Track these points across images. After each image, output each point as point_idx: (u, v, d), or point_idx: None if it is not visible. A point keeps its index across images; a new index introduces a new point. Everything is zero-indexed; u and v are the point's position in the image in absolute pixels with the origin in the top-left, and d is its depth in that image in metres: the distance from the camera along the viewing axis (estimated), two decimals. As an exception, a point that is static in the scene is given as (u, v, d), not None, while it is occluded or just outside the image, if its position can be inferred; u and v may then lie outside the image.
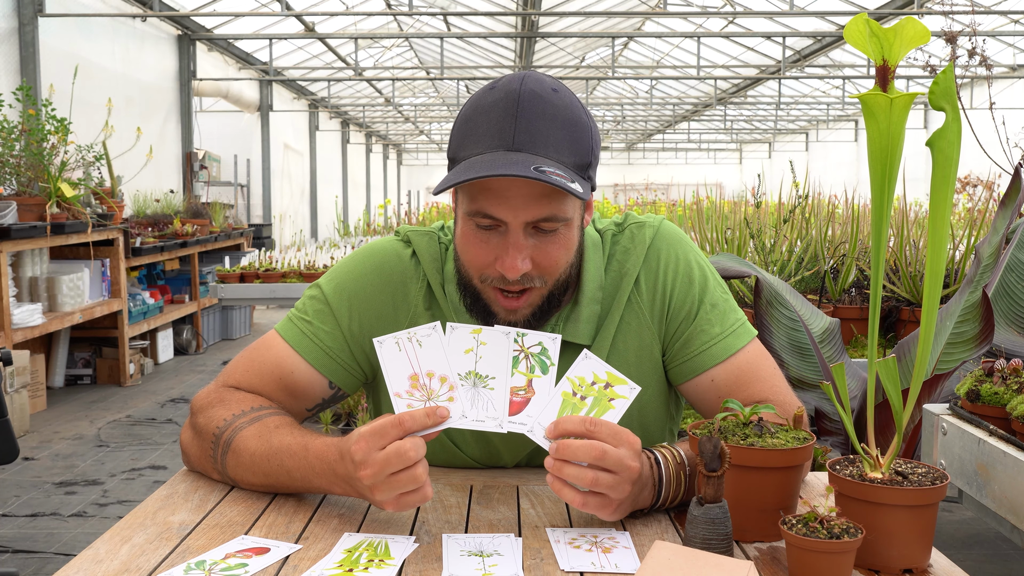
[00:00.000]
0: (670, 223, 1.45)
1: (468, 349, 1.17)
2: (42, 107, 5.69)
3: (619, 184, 25.31)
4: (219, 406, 1.31)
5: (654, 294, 1.39)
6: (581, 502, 1.10)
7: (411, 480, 1.08)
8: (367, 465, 1.08)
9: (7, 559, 3.31)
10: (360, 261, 1.43)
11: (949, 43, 2.85)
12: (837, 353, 2.49)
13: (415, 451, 1.07)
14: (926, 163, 8.20)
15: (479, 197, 1.22)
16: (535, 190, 1.20)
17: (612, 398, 1.15)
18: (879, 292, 1.06)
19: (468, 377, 1.16)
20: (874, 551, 1.03)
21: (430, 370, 1.16)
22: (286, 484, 1.23)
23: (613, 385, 1.16)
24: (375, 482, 1.08)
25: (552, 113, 1.22)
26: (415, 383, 1.16)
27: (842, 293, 3.44)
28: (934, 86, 0.96)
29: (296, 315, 1.41)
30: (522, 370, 1.17)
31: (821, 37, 11.54)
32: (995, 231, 2.20)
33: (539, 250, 1.24)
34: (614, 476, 1.09)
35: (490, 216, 1.22)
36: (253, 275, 5.47)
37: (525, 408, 1.16)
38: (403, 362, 1.16)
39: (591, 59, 15.79)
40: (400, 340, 1.17)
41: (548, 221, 1.22)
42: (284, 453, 1.21)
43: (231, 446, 1.26)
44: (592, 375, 1.16)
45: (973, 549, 3.35)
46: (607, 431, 1.10)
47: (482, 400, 1.15)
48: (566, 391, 1.16)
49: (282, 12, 8.74)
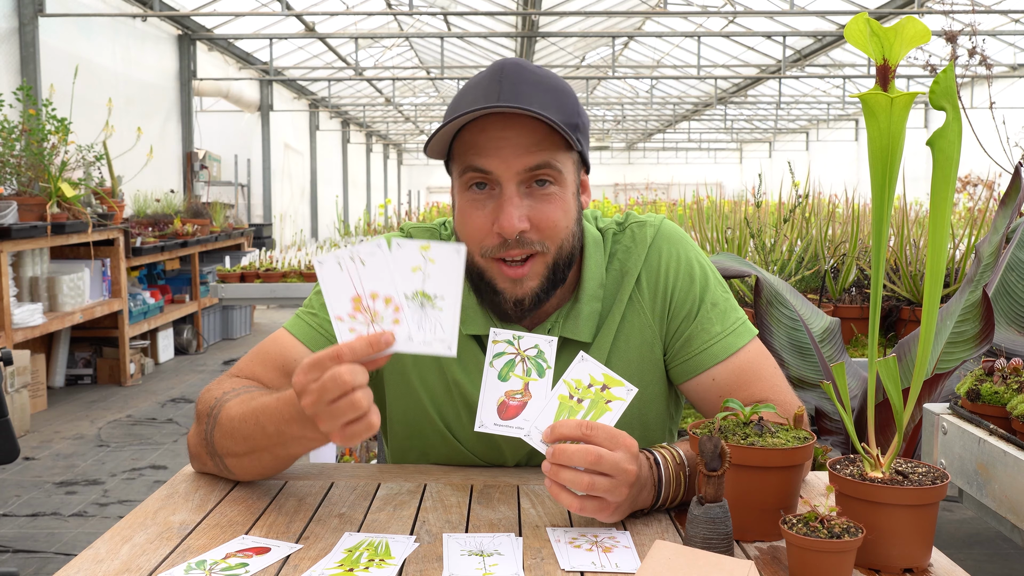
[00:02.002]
0: (671, 222, 1.45)
1: (416, 267, 1.10)
2: (42, 107, 5.69)
3: (619, 184, 25.29)
4: (215, 389, 1.33)
5: (655, 293, 1.39)
6: (579, 506, 1.10)
7: (351, 407, 1.05)
8: (306, 394, 1.06)
9: (8, 559, 3.31)
10: None
11: (949, 42, 2.85)
12: (837, 352, 2.49)
13: (351, 375, 1.04)
14: (926, 162, 8.19)
15: (470, 153, 1.25)
16: (525, 140, 1.23)
17: (609, 400, 1.14)
18: (879, 291, 1.06)
19: (415, 297, 1.10)
20: (875, 551, 1.03)
21: (374, 291, 1.09)
22: (263, 444, 1.21)
23: (610, 387, 1.15)
24: (316, 411, 1.06)
25: (535, 79, 1.26)
26: (358, 305, 1.10)
27: (842, 292, 3.44)
28: (934, 85, 0.96)
29: (303, 311, 1.43)
30: (518, 373, 1.16)
31: (821, 36, 11.54)
32: (995, 230, 2.20)
33: (535, 210, 1.25)
34: (610, 480, 1.09)
35: (479, 169, 1.24)
36: (253, 275, 5.47)
37: (522, 412, 1.14)
38: (344, 283, 1.09)
39: (591, 59, 15.78)
40: (341, 259, 1.09)
41: (542, 169, 1.24)
42: (260, 410, 1.20)
43: (218, 420, 1.26)
44: (589, 377, 1.15)
45: (973, 548, 3.35)
46: (604, 435, 1.09)
47: (430, 321, 1.10)
48: (563, 394, 1.15)
49: (282, 12, 8.74)
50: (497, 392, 1.16)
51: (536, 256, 1.27)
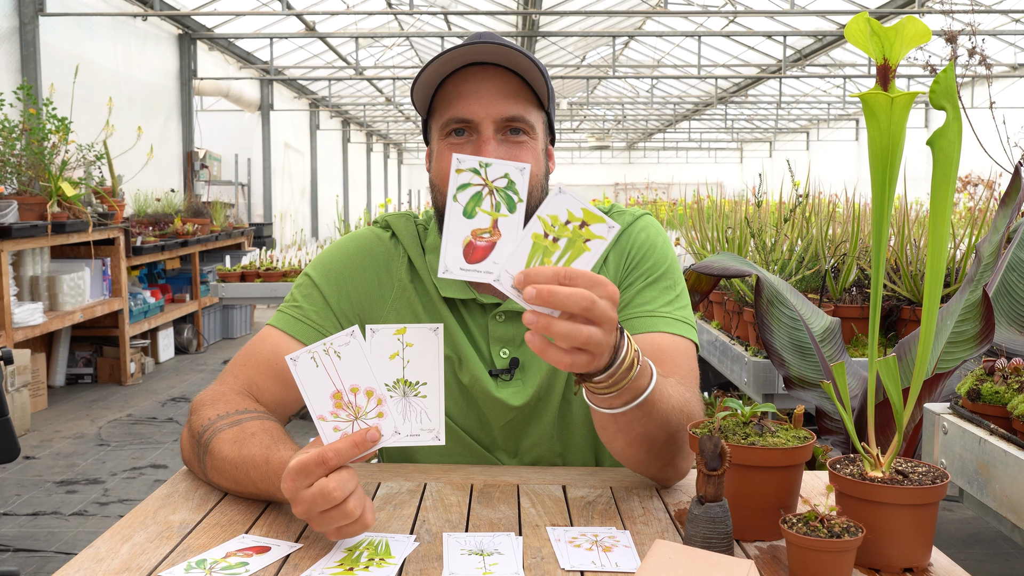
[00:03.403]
0: (652, 218, 1.51)
1: (393, 354, 1.06)
2: (43, 106, 5.68)
3: (620, 183, 25.30)
4: (209, 406, 1.32)
5: (620, 260, 1.44)
6: (569, 362, 1.00)
7: (342, 516, 1.03)
8: (297, 503, 1.05)
9: (8, 558, 3.31)
10: (343, 246, 1.50)
11: (949, 42, 2.84)
12: (838, 352, 2.49)
13: (340, 490, 1.02)
14: (927, 162, 8.20)
15: (452, 104, 1.33)
16: (504, 90, 1.32)
17: (588, 239, 1.00)
18: (880, 291, 1.06)
19: (397, 386, 1.06)
20: (875, 550, 1.03)
21: (354, 384, 1.04)
22: (254, 494, 1.22)
23: (589, 224, 1.00)
24: (309, 518, 1.05)
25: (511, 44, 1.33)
26: (339, 402, 1.05)
27: (843, 292, 3.44)
28: (935, 85, 0.96)
29: (286, 305, 1.45)
30: (485, 208, 1.02)
31: (822, 36, 11.53)
32: (995, 230, 2.20)
33: (510, 155, 1.32)
34: (601, 330, 0.99)
35: (463, 119, 1.32)
36: (254, 274, 5.48)
37: (490, 254, 1.01)
38: (322, 379, 1.04)
39: (592, 58, 15.78)
40: (316, 354, 1.03)
41: (516, 121, 1.33)
42: (250, 464, 1.20)
43: (209, 447, 1.26)
44: (567, 212, 1.00)
45: (974, 548, 3.35)
46: (586, 281, 0.98)
47: (415, 411, 1.07)
48: (536, 232, 1.00)
49: (283, 11, 8.74)
50: (463, 231, 1.02)
51: None
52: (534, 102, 1.36)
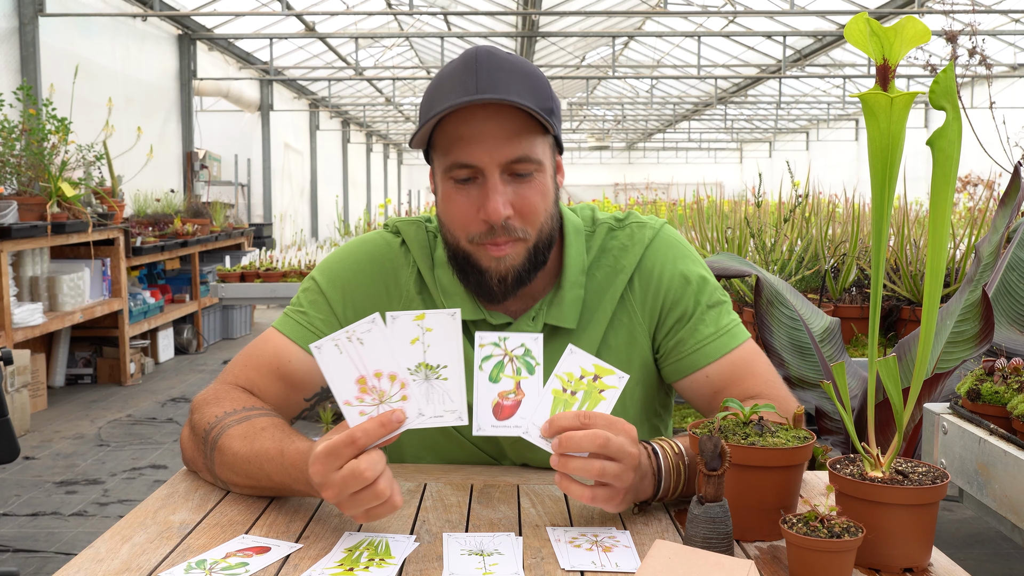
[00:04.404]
0: (671, 228, 1.47)
1: (414, 339, 1.11)
2: (42, 107, 5.68)
3: (619, 184, 25.29)
4: (213, 404, 1.32)
5: (646, 294, 1.41)
6: (590, 496, 1.09)
7: (373, 496, 1.05)
8: (326, 487, 1.06)
9: (8, 558, 3.31)
10: (351, 251, 1.47)
11: (949, 42, 2.85)
12: (837, 352, 2.49)
13: (371, 470, 1.04)
14: (926, 162, 8.19)
15: (454, 148, 1.28)
16: (506, 131, 1.26)
17: (602, 389, 1.14)
18: (879, 291, 1.06)
19: (419, 370, 1.11)
20: (875, 550, 1.03)
21: (377, 369, 1.10)
22: (268, 488, 1.22)
23: (601, 376, 1.15)
24: (338, 501, 1.07)
25: (509, 66, 1.28)
26: (363, 387, 1.10)
27: (842, 292, 3.44)
28: (934, 85, 0.96)
29: (291, 309, 1.43)
30: (508, 373, 1.15)
31: (822, 36, 11.53)
32: (995, 230, 2.20)
33: (518, 195, 1.29)
34: (618, 464, 1.09)
35: (466, 164, 1.27)
36: (254, 274, 5.47)
37: (517, 410, 1.14)
38: (346, 365, 1.09)
39: (591, 59, 15.78)
40: (339, 342, 1.09)
41: (522, 162, 1.28)
42: (264, 457, 1.20)
43: (218, 444, 1.26)
44: (580, 369, 1.15)
45: (974, 548, 3.35)
46: (604, 421, 1.10)
47: (437, 393, 1.11)
48: (556, 388, 1.14)
49: (282, 12, 8.74)
50: (490, 394, 1.15)
51: (518, 241, 1.31)
52: (539, 130, 1.30)
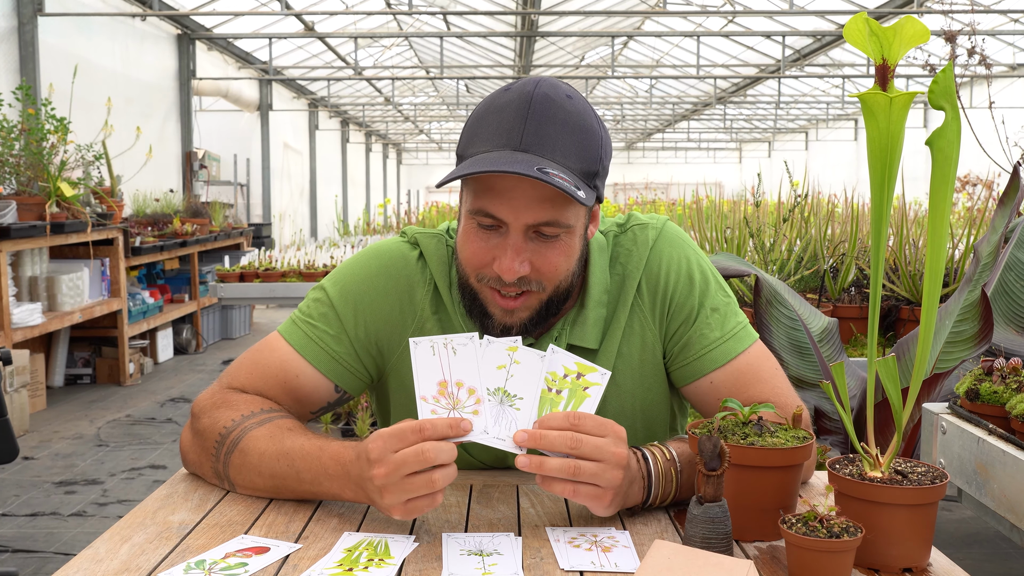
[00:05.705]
0: (673, 224, 1.44)
1: (501, 365, 1.16)
2: (42, 106, 5.68)
3: (619, 183, 25.29)
4: (224, 408, 1.30)
5: (655, 296, 1.39)
6: (572, 491, 1.10)
7: (425, 484, 1.06)
8: (382, 464, 1.07)
9: (7, 559, 3.31)
10: (365, 263, 1.40)
11: (949, 42, 2.85)
12: (836, 352, 2.49)
13: (436, 453, 1.06)
14: (926, 162, 8.20)
15: (482, 195, 1.22)
16: (539, 192, 1.19)
17: (586, 387, 1.16)
18: (879, 291, 1.06)
19: (496, 393, 1.15)
20: (874, 550, 1.03)
21: (460, 379, 1.15)
22: (292, 487, 1.21)
23: (584, 374, 1.17)
24: (387, 482, 1.07)
25: (563, 118, 1.21)
26: (443, 390, 1.14)
27: (841, 292, 3.44)
28: (934, 85, 0.96)
29: (300, 318, 1.38)
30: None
31: (821, 36, 11.54)
32: (994, 230, 2.21)
33: (539, 255, 1.24)
34: (596, 464, 1.09)
35: (491, 216, 1.22)
36: (253, 274, 5.47)
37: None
38: (435, 367, 1.15)
39: (591, 58, 15.78)
40: (436, 345, 1.16)
41: (549, 226, 1.22)
42: (296, 454, 1.20)
43: (239, 446, 1.24)
44: (563, 368, 1.17)
45: (973, 548, 3.35)
46: (592, 423, 1.11)
47: (506, 418, 1.14)
48: (543, 389, 1.16)
49: (282, 11, 8.73)
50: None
51: (531, 293, 1.27)
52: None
